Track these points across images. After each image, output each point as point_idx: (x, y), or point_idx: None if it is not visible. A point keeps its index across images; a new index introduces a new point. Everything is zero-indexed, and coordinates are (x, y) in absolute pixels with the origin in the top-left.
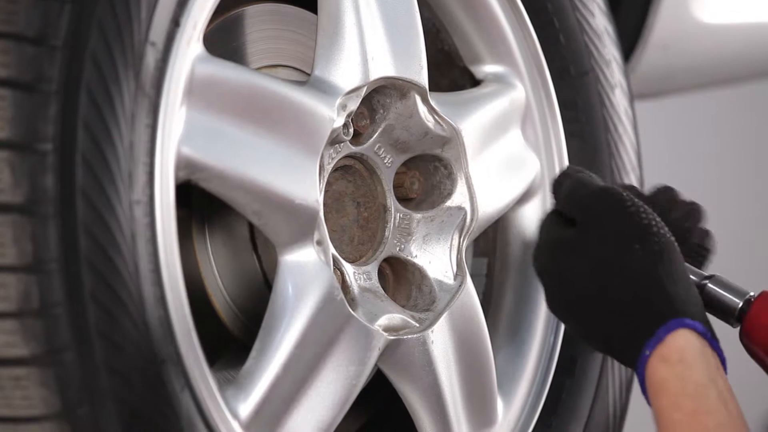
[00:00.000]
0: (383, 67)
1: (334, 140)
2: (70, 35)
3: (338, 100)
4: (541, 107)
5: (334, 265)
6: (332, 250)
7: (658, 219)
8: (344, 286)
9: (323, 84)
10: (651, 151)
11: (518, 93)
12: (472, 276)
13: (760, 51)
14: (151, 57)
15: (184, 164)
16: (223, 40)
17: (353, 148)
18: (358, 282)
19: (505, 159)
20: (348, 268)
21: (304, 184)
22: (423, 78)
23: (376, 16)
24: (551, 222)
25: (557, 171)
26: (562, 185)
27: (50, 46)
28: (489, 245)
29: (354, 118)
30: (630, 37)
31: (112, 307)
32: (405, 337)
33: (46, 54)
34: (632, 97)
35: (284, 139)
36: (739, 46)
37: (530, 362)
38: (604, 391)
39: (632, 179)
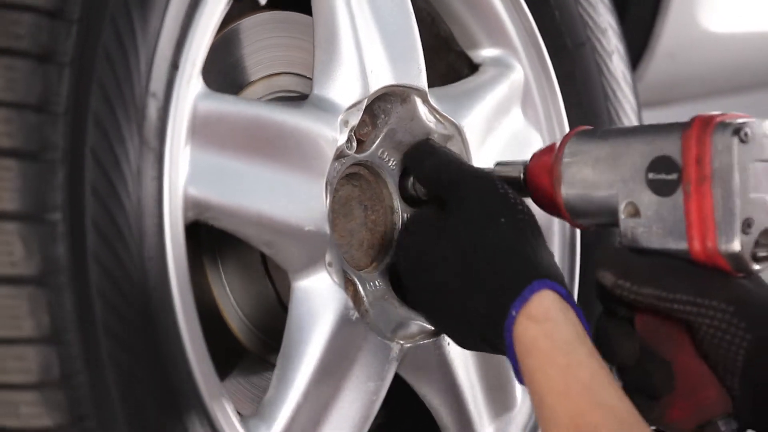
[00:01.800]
0: (382, 77)
1: (338, 156)
2: (71, 100)
3: (340, 117)
4: (540, 84)
5: (345, 278)
6: (343, 263)
7: (522, 201)
8: (357, 299)
9: (324, 102)
10: None
11: (517, 74)
12: None
13: (767, 59)
14: (152, 108)
15: (191, 205)
16: (223, 54)
17: (357, 157)
18: (371, 290)
19: (508, 142)
20: (359, 279)
21: (313, 210)
22: (422, 81)
23: (373, 27)
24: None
25: None
26: (422, 162)
27: (53, 113)
28: None
29: (356, 128)
30: (637, 45)
31: (132, 370)
32: (421, 342)
33: (49, 121)
34: (629, 61)
35: (289, 166)
36: (745, 54)
37: None
38: None
39: None
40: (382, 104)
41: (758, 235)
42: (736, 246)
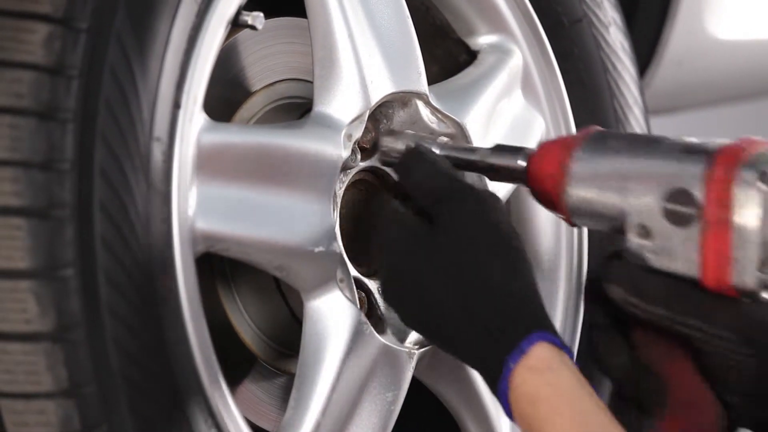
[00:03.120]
0: (383, 86)
1: (343, 169)
2: (76, 155)
3: (343, 132)
4: (539, 66)
5: (357, 286)
6: (354, 272)
7: (515, 230)
8: (370, 308)
9: (325, 119)
10: None
11: (515, 59)
12: None
13: None
14: (158, 152)
15: (201, 239)
16: (226, 65)
17: (362, 165)
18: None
19: (511, 126)
20: (371, 286)
21: (321, 230)
22: (422, 84)
23: (370, 38)
24: (400, 212)
25: (562, 127)
26: (411, 169)
27: (59, 170)
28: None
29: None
30: (645, 52)
31: (153, 418)
32: None
33: (56, 178)
34: (627, 31)
35: (295, 188)
36: (753, 62)
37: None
38: None
39: (636, 112)
40: (383, 110)
41: None
42: (750, 285)
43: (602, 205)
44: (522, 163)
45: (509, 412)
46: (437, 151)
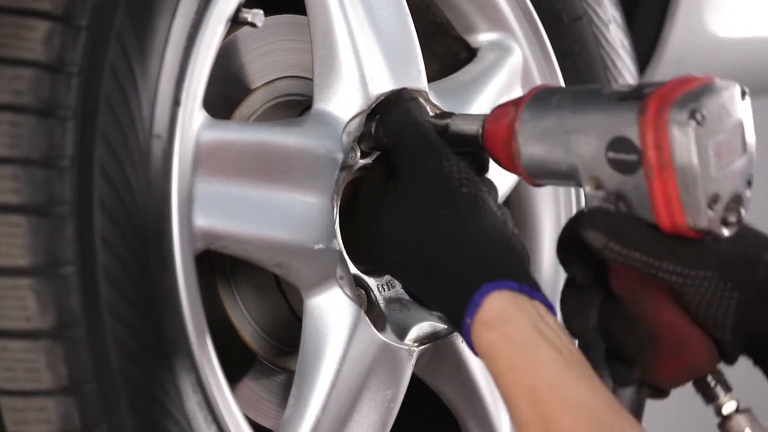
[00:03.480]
0: (382, 84)
1: (343, 167)
2: (76, 152)
3: (342, 130)
4: (539, 63)
5: (357, 284)
6: (353, 269)
7: (470, 177)
8: (370, 305)
9: (325, 116)
10: None
11: (515, 57)
12: None
13: None
14: (157, 149)
15: (200, 237)
16: (226, 62)
17: (361, 162)
18: (383, 294)
19: None
20: (371, 283)
21: (321, 228)
22: (422, 82)
23: (370, 35)
24: (371, 166)
25: None
26: (389, 113)
27: (59, 167)
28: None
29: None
30: (645, 50)
31: (152, 417)
32: (436, 342)
33: (56, 175)
34: (627, 28)
35: (295, 186)
36: (753, 59)
37: None
38: None
39: None
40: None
41: (727, 203)
42: (704, 223)
43: (553, 161)
44: (479, 131)
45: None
46: None
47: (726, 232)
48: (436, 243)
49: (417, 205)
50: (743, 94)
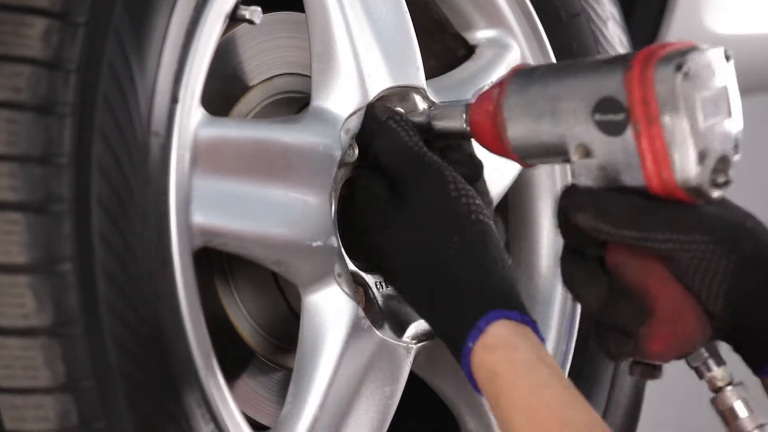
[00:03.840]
0: (381, 81)
1: (341, 165)
2: (74, 149)
3: (341, 127)
4: (537, 61)
5: (354, 281)
6: (351, 267)
7: (478, 202)
8: (368, 302)
9: (323, 113)
10: None
11: (513, 54)
12: None
13: None
14: (155, 146)
15: (198, 233)
16: (224, 59)
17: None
18: (381, 291)
19: None
20: (369, 280)
21: (320, 226)
22: (420, 79)
23: (368, 32)
24: (371, 190)
25: None
26: (374, 147)
27: (56, 164)
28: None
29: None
30: (643, 46)
31: (150, 414)
32: (433, 339)
33: (54, 172)
34: (625, 25)
35: (293, 183)
36: (751, 56)
37: (553, 321)
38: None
39: None
40: (381, 104)
41: (715, 162)
42: (693, 179)
43: (541, 133)
44: (464, 125)
45: (477, 389)
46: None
47: (715, 193)
48: (444, 269)
49: (427, 233)
50: (728, 57)
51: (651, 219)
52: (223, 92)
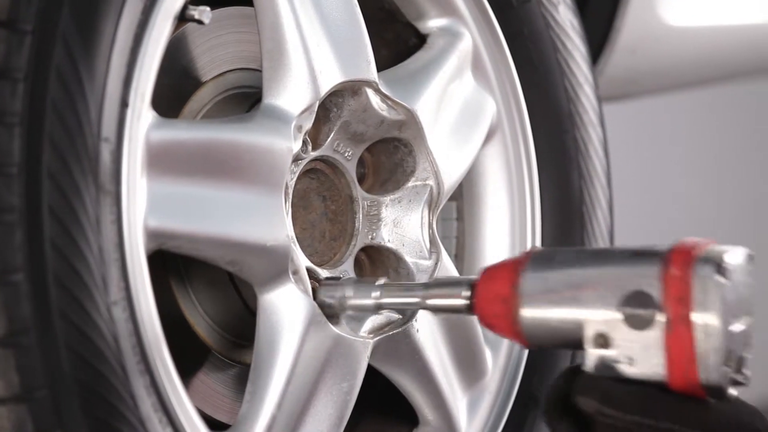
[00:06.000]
0: (332, 76)
1: (294, 160)
2: (24, 159)
3: (293, 124)
4: (489, 47)
5: (310, 276)
6: (306, 262)
7: None
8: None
9: (275, 111)
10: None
11: (465, 43)
12: (442, 240)
13: (727, 54)
14: (106, 152)
15: (152, 236)
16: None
17: (313, 154)
18: None
19: (462, 111)
20: (324, 275)
21: (273, 224)
22: (372, 73)
23: (318, 28)
24: None
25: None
26: None
27: (6, 174)
28: (456, 189)
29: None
30: (597, 40)
31: (108, 421)
32: (391, 332)
33: (4, 182)
34: (576, 9)
35: (246, 182)
36: (707, 49)
37: None
38: None
39: (587, 90)
40: (333, 99)
41: (736, 362)
42: (717, 379)
43: (558, 320)
44: (466, 293)
45: None
46: (376, 294)
47: (734, 391)
48: None
49: None
50: (751, 258)
51: (660, 408)
52: (175, 89)
